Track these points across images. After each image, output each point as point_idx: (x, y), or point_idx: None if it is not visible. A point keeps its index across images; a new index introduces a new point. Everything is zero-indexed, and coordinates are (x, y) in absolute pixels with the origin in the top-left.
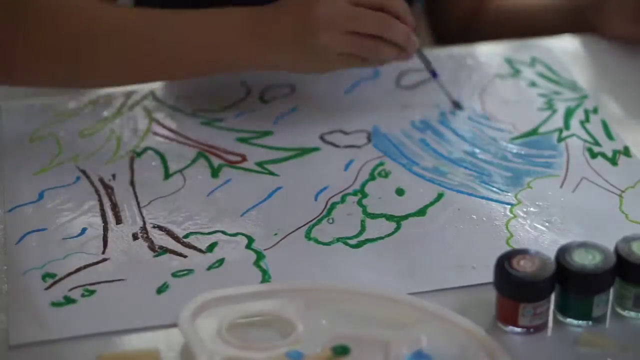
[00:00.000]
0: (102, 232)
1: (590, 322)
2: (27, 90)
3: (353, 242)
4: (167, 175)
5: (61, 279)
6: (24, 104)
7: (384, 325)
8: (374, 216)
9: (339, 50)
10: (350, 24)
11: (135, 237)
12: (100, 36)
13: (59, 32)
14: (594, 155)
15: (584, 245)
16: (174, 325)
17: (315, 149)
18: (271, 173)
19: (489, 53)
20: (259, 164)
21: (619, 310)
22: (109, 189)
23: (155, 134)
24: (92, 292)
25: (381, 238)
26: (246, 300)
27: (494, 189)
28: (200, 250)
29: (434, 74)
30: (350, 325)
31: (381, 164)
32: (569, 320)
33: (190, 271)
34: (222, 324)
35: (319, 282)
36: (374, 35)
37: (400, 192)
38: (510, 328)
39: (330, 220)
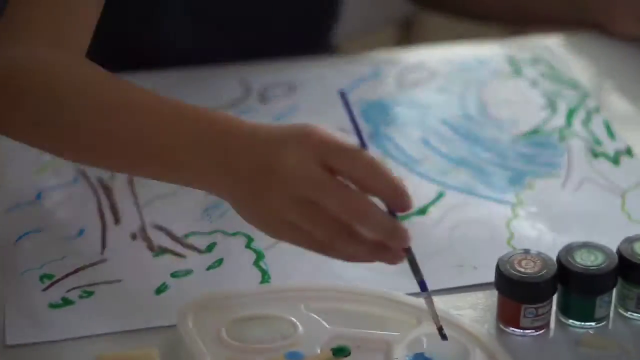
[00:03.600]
0: (100, 232)
1: (592, 324)
2: None
3: None
4: None
5: (59, 279)
6: None
7: (384, 326)
8: None
9: (288, 218)
10: (311, 191)
11: (134, 237)
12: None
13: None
14: (595, 155)
15: (586, 245)
16: (173, 325)
17: None
18: None
19: (490, 52)
20: None
21: (621, 311)
22: (107, 189)
23: None
24: (90, 293)
25: None
26: (246, 300)
27: (495, 188)
28: (199, 250)
29: (422, 286)
30: (351, 326)
31: None
32: (571, 321)
33: (189, 271)
34: (221, 325)
35: (318, 283)
36: (342, 219)
37: None
38: (512, 329)
39: None
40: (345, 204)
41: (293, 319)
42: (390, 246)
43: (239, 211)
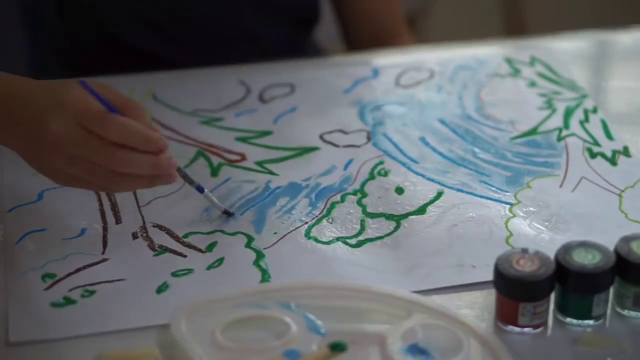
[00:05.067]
0: (101, 232)
1: (590, 322)
2: None
3: (353, 241)
4: None
5: (61, 279)
6: None
7: (375, 320)
8: (373, 215)
9: (67, 172)
10: (78, 149)
11: (134, 236)
12: None
13: None
14: (593, 155)
15: (583, 244)
16: None
17: (315, 149)
18: (271, 172)
19: (489, 52)
20: (259, 163)
21: (618, 309)
22: None
23: None
24: (92, 292)
25: (380, 237)
26: (238, 301)
27: (494, 188)
28: (200, 250)
29: (199, 189)
30: (342, 322)
31: (381, 162)
32: (568, 319)
33: (190, 271)
34: (215, 328)
35: (305, 281)
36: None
37: (399, 190)
38: (510, 327)
39: (330, 220)
40: (105, 157)
41: (286, 318)
42: (159, 176)
43: (27, 162)
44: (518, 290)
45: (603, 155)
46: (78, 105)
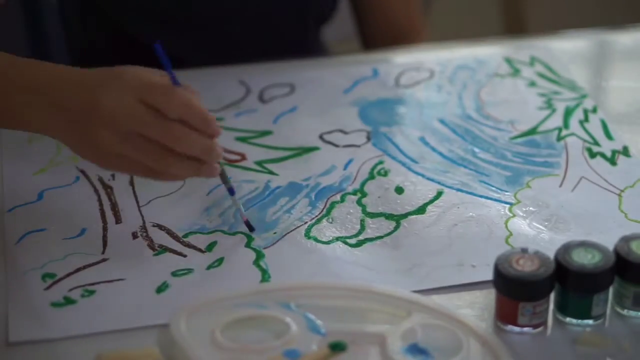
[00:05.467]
0: (101, 231)
1: (589, 321)
2: None
3: (352, 241)
4: None
5: (61, 279)
6: None
7: (375, 320)
8: (373, 215)
9: (117, 151)
10: (133, 125)
11: (134, 236)
12: None
13: None
14: (593, 154)
15: (583, 244)
16: None
17: (315, 149)
18: (271, 172)
19: (489, 52)
20: (259, 163)
21: (618, 309)
22: (108, 189)
23: None
24: (91, 292)
25: (380, 237)
26: (238, 301)
27: (493, 188)
28: (199, 250)
29: (231, 191)
30: (342, 322)
31: (380, 162)
32: (568, 319)
33: (190, 270)
34: (215, 328)
35: (305, 281)
36: (165, 145)
37: (399, 190)
38: (510, 327)
39: (330, 220)
40: (163, 132)
41: (286, 318)
42: (206, 162)
43: (73, 149)
44: (518, 290)
45: (603, 155)
46: (139, 78)
